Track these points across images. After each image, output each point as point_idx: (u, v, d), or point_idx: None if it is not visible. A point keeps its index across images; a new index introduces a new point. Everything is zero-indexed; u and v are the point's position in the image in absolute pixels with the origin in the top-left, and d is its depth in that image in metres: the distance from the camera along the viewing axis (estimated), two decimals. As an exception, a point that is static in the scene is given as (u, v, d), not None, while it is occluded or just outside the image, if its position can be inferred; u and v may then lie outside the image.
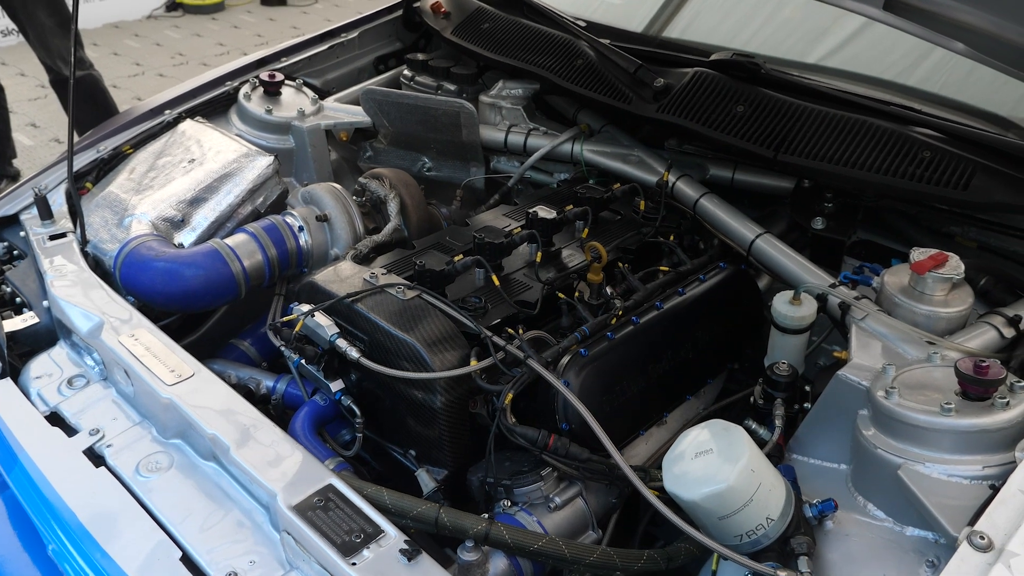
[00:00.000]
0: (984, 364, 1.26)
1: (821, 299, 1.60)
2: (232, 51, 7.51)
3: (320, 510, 1.25)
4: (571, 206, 1.84)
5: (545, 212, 1.83)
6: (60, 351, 1.75)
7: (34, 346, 1.75)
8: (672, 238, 1.86)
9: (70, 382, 1.66)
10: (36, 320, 1.75)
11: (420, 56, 2.55)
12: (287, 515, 1.25)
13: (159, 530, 1.35)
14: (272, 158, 2.00)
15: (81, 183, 2.07)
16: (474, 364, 1.46)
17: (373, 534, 1.22)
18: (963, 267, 1.51)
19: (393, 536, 1.22)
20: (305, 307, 1.58)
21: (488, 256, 1.67)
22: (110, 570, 1.30)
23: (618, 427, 1.51)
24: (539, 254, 1.68)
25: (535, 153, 2.22)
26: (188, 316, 1.98)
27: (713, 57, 2.01)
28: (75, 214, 1.95)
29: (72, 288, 1.76)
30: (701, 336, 1.69)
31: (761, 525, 1.21)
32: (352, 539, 1.21)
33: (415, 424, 1.54)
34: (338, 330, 1.54)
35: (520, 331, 1.53)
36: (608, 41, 2.17)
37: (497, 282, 1.59)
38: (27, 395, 1.65)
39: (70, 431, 1.55)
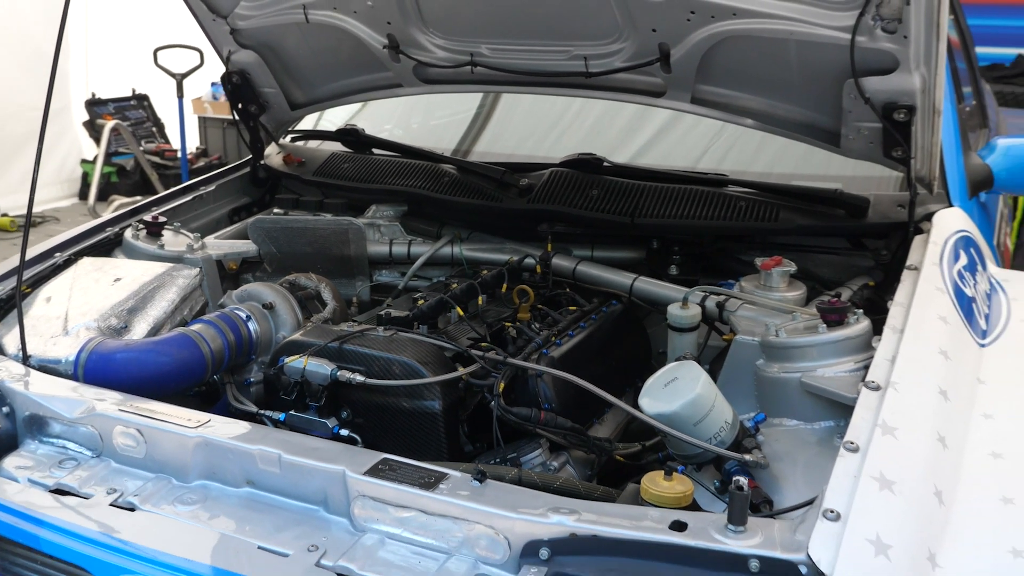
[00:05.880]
0: (835, 298, 2.01)
1: (701, 304, 2.30)
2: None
3: (388, 471, 1.66)
4: (486, 271, 2.45)
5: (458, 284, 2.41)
6: (29, 450, 1.98)
7: None
8: (567, 290, 2.52)
9: (60, 464, 1.90)
10: None
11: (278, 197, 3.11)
12: (361, 479, 1.63)
13: (226, 535, 1.66)
14: (198, 269, 2.41)
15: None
16: (462, 369, 1.96)
17: (442, 475, 1.63)
18: (794, 264, 2.29)
19: (459, 474, 1.65)
20: (296, 356, 2.00)
21: (433, 311, 2.21)
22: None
23: (579, 412, 2.05)
24: (481, 298, 2.26)
25: (420, 257, 2.81)
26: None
27: (562, 159, 2.78)
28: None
29: (38, 384, 2.02)
30: (615, 352, 2.31)
31: (722, 427, 1.80)
32: (426, 480, 1.63)
33: (411, 441, 1.97)
34: (335, 365, 1.98)
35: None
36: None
37: (461, 312, 2.13)
38: (16, 482, 1.87)
39: (85, 496, 1.80)
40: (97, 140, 9.40)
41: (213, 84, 9.19)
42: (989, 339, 2.07)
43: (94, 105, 10.06)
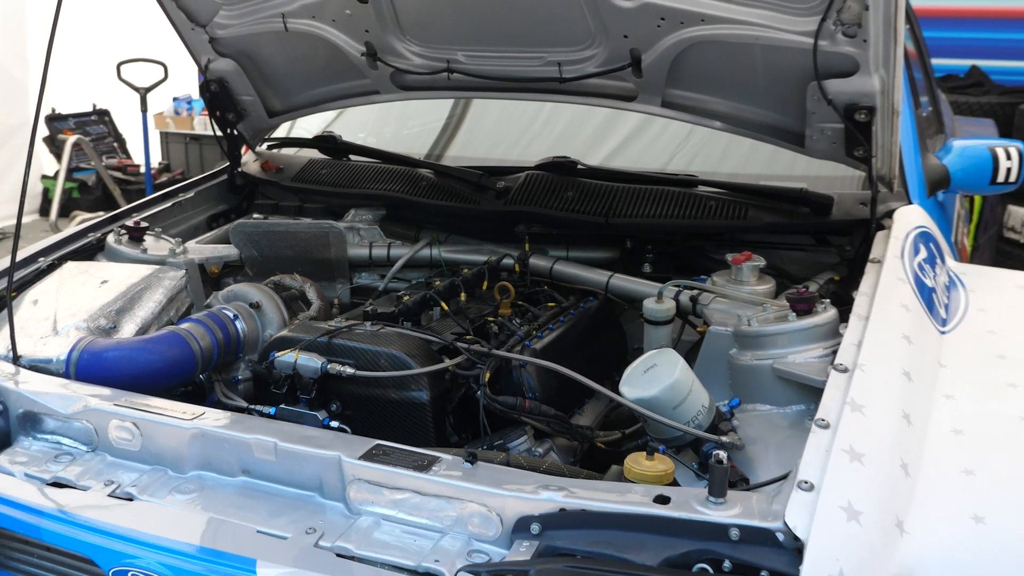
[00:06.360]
0: (803, 289, 2.12)
1: (675, 298, 2.40)
2: None
3: (383, 455, 1.73)
4: (466, 270, 2.54)
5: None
6: (24, 446, 2.02)
7: None
8: (545, 287, 2.61)
9: (55, 459, 1.95)
10: None
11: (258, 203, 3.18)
12: (356, 464, 1.71)
13: (225, 520, 1.73)
14: (184, 271, 2.47)
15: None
16: (448, 361, 2.04)
17: (434, 459, 1.71)
18: (763, 259, 2.40)
19: (450, 458, 1.73)
20: (287, 351, 2.07)
21: (418, 307, 2.29)
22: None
23: (560, 402, 2.14)
24: (462, 295, 2.34)
25: (399, 260, 2.89)
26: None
27: (537, 162, 2.88)
28: None
29: (31, 382, 2.07)
30: (593, 345, 2.40)
31: (699, 411, 1.90)
32: (420, 463, 1.70)
33: (400, 432, 2.04)
34: (325, 359, 2.05)
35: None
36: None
37: (445, 307, 2.22)
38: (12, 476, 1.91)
39: (83, 489, 1.86)
40: (58, 156, 9.34)
41: (175, 99, 9.19)
42: (949, 327, 2.19)
43: (54, 120, 9.98)
